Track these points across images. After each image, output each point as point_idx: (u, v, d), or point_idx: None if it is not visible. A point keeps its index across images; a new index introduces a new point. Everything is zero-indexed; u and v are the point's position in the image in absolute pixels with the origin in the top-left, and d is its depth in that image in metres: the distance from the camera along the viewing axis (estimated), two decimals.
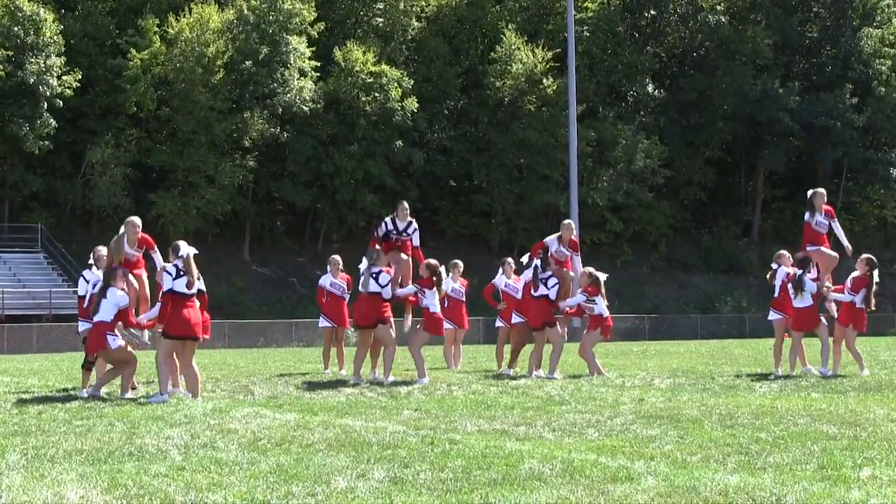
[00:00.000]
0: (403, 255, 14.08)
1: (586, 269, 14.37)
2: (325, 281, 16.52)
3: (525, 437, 7.56)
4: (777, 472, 5.89)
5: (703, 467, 6.06)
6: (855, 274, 14.11)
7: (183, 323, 10.87)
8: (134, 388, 11.85)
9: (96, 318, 11.25)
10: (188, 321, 10.88)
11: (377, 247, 13.86)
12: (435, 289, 13.64)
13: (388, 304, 13.37)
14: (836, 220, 14.75)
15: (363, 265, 13.43)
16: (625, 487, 5.45)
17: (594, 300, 14.10)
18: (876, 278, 14.08)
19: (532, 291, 14.35)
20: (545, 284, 14.18)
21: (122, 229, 12.06)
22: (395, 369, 14.26)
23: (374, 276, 13.28)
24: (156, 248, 12.26)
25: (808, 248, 14.50)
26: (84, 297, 12.37)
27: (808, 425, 7.99)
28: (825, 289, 14.22)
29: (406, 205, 14.32)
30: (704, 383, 12.66)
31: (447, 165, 50.59)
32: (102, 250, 12.40)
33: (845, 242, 14.73)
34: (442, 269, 14.00)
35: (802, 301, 13.86)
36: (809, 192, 14.95)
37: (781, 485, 5.46)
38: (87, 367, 12.19)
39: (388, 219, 14.23)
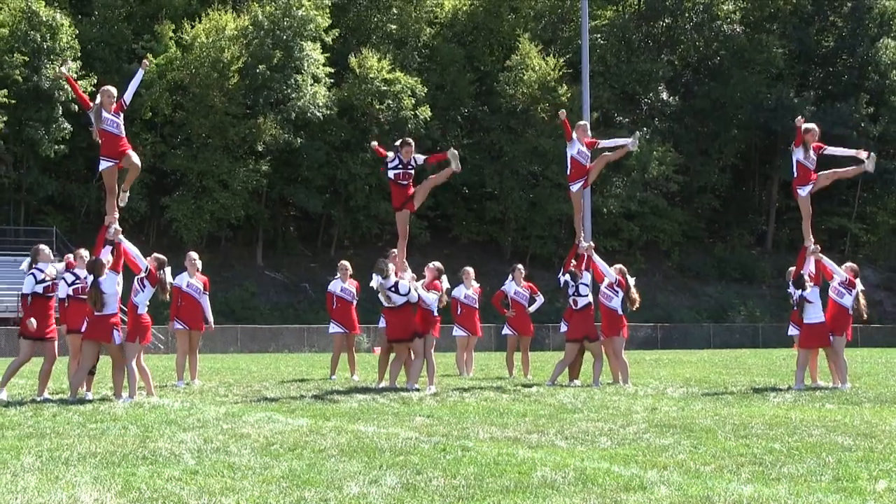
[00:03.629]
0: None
1: (618, 266, 14.80)
2: (335, 287, 16.51)
3: (537, 444, 7.55)
4: (791, 482, 5.86)
5: (717, 477, 6.03)
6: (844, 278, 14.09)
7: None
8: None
9: (105, 311, 11.34)
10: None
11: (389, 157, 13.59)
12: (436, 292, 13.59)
13: (420, 313, 13.30)
14: (827, 147, 14.24)
15: (374, 282, 13.22)
16: (637, 496, 5.43)
17: (611, 295, 14.28)
18: (860, 286, 14.06)
19: (572, 306, 14.36)
20: (579, 292, 14.19)
21: (97, 99, 12.08)
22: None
23: (392, 289, 13.16)
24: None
25: (798, 191, 14.50)
26: (63, 299, 12.58)
27: (822, 436, 7.94)
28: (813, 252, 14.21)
29: (412, 144, 14.04)
30: (718, 393, 12.61)
31: (460, 173, 50.47)
32: (83, 252, 12.61)
33: (853, 152, 14.47)
34: (444, 277, 13.95)
35: (813, 317, 13.78)
36: (802, 128, 14.04)
37: (796, 496, 5.43)
38: (90, 371, 12.25)
39: (393, 154, 13.85)
